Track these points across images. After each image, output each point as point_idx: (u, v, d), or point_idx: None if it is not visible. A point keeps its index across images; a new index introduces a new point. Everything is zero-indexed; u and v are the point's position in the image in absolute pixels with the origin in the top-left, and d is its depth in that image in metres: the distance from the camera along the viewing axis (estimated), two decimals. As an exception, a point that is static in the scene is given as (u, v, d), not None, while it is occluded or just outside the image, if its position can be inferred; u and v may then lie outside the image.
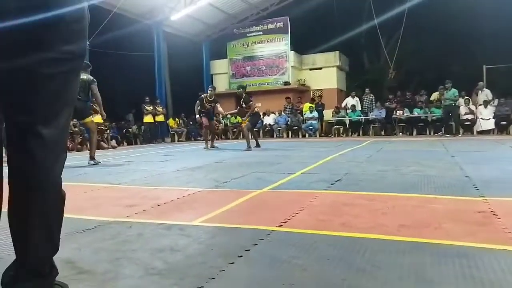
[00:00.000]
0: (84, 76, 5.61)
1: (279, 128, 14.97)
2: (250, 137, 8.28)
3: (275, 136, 14.97)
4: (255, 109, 8.44)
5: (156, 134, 14.26)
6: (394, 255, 1.59)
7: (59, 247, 1.21)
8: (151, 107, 13.78)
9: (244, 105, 8.43)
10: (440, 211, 2.27)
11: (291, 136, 14.74)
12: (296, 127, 14.70)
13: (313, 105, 14.64)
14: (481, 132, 11.79)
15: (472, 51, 16.68)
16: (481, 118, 11.87)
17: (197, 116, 9.07)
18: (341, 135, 14.08)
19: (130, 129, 14.05)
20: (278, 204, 2.69)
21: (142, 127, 14.18)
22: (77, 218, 2.38)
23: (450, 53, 17.77)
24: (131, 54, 15.97)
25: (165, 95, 16.35)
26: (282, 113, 15.22)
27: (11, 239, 1.12)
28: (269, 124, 15.26)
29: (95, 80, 5.82)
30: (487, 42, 16.09)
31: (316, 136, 14.12)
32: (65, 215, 1.23)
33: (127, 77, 16.47)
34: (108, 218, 2.37)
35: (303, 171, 4.25)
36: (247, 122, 8.52)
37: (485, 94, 12.28)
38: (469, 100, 12.26)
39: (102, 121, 9.59)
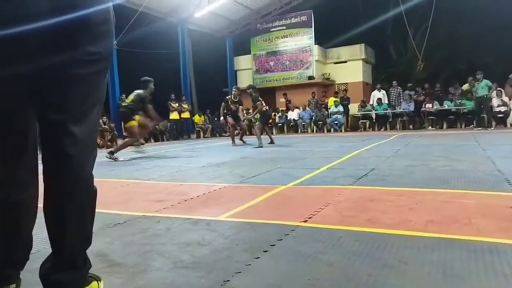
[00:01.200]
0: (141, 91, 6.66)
1: (303, 123, 14.87)
2: (262, 135, 8.37)
3: (299, 131, 14.89)
4: (264, 108, 8.47)
5: (182, 131, 14.49)
6: (421, 251, 1.56)
7: (92, 240, 1.27)
8: (177, 104, 14.00)
9: (253, 104, 8.78)
10: (470, 206, 2.21)
11: (316, 131, 14.61)
12: (321, 122, 14.56)
13: (338, 99, 14.45)
14: (516, 125, 11.29)
15: (506, 41, 15.92)
16: (516, 110, 11.35)
17: (221, 118, 9.28)
18: (368, 129, 13.83)
19: (157, 126, 14.33)
20: (303, 199, 2.69)
21: (169, 124, 14.44)
22: (108, 212, 2.48)
23: (482, 43, 17.04)
24: (156, 52, 16.27)
25: (190, 92, 16.58)
26: (307, 107, 15.10)
27: (47, 233, 1.18)
28: (294, 119, 15.19)
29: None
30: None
31: (341, 131, 13.93)
32: (96, 210, 1.28)
33: (153, 75, 16.78)
34: (138, 213, 2.45)
35: (328, 166, 4.22)
36: (257, 122, 8.66)
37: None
38: (501, 91, 11.74)
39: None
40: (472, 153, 4.83)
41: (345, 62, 16.55)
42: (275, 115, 15.71)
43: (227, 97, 9.14)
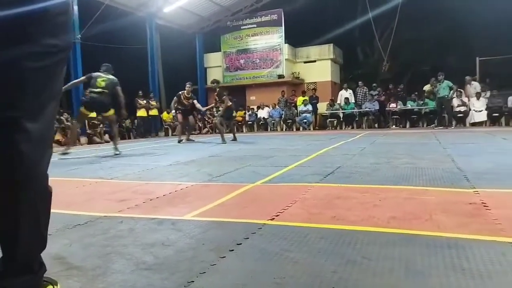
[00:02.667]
0: (110, 76, 6.31)
1: (273, 121, 14.95)
2: (224, 130, 8.44)
3: (269, 129, 14.97)
4: (228, 103, 8.50)
5: (149, 128, 14.18)
6: (384, 247, 1.59)
7: (48, 243, 1.20)
8: (144, 101, 13.69)
9: (217, 99, 8.59)
10: (431, 203, 2.28)
11: (285, 130, 14.74)
12: (290, 120, 14.71)
13: (307, 98, 14.64)
14: (474, 124, 11.88)
15: (466, 43, 16.71)
16: (474, 110, 11.95)
17: (173, 111, 9.25)
18: (335, 128, 14.11)
19: (123, 124, 13.94)
20: (271, 197, 2.69)
21: (136, 121, 14.09)
22: (68, 213, 2.37)
23: (444, 45, 17.80)
24: (123, 47, 15.81)
25: (159, 89, 16.24)
26: (276, 106, 15.20)
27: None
28: (263, 118, 15.24)
29: (118, 82, 6.34)
30: (481, 33, 16.12)
31: (310, 129, 14.13)
32: (56, 210, 1.22)
33: (119, 71, 16.30)
34: (99, 213, 2.36)
35: (297, 164, 4.25)
36: (219, 117, 8.67)
37: (474, 87, 12.32)
38: (461, 92, 12.31)
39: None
40: (433, 151, 5.02)
41: (314, 61, 16.79)
42: (245, 113, 15.71)
43: (180, 92, 9.08)
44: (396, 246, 1.60)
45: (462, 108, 12.05)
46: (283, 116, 14.85)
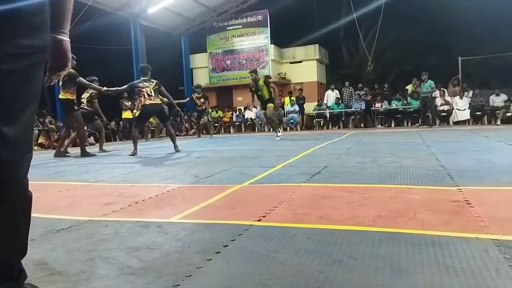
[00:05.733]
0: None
1: (260, 122, 14.96)
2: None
3: (256, 130, 14.97)
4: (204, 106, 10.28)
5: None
6: (370, 245, 1.61)
7: (31, 248, 1.18)
8: (130, 103, 13.53)
9: (202, 100, 9.92)
10: (415, 201, 2.31)
11: (273, 130, 14.74)
12: (277, 121, 14.72)
13: (294, 99, 14.70)
14: (457, 123, 12.11)
15: (449, 43, 17.04)
16: (457, 109, 12.18)
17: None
18: (322, 128, 14.20)
19: (108, 126, 13.76)
20: (258, 198, 2.69)
21: (121, 123, 13.92)
22: (52, 218, 2.32)
23: (428, 45, 18.12)
24: (107, 48, 15.62)
25: (144, 90, 16.07)
26: (263, 106, 15.19)
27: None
28: (251, 118, 15.24)
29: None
30: (464, 34, 16.48)
31: (297, 129, 14.19)
32: (39, 215, 1.19)
33: (104, 72, 16.08)
34: (84, 217, 2.32)
35: (284, 164, 4.26)
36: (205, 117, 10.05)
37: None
38: (444, 91, 12.54)
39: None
40: (418, 150, 5.10)
41: (300, 62, 16.89)
42: (232, 114, 15.70)
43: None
44: (381, 245, 1.61)
45: (446, 107, 12.27)
46: (270, 116, 14.85)
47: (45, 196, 3.13)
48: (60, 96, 6.56)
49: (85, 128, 7.08)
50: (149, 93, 6.25)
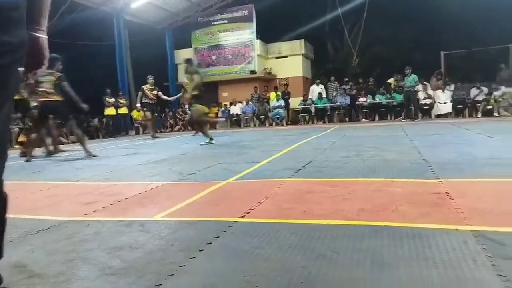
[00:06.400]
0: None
1: (246, 117, 14.94)
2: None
3: (242, 125, 14.95)
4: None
5: (119, 127, 13.85)
6: (352, 240, 1.62)
7: (9, 250, 1.15)
8: (113, 99, 13.34)
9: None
10: (397, 194, 2.34)
11: (259, 125, 14.77)
12: (263, 116, 14.74)
13: (280, 94, 14.71)
14: (439, 116, 12.31)
15: (431, 38, 17.28)
16: (439, 102, 12.38)
17: (138, 105, 9.23)
18: (307, 122, 14.26)
19: (91, 123, 13.54)
20: (243, 194, 2.68)
21: (104, 120, 13.71)
22: (31, 218, 2.27)
23: (411, 40, 18.33)
24: (90, 44, 15.33)
25: (128, 86, 15.85)
26: (249, 102, 15.19)
27: None
28: (236, 114, 15.20)
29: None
30: (446, 29, 16.74)
31: (283, 124, 14.22)
32: (17, 215, 1.16)
33: (86, 68, 15.82)
34: (65, 217, 2.27)
35: (269, 160, 4.26)
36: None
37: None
38: (426, 85, 12.73)
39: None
40: (401, 144, 5.17)
41: (286, 57, 16.88)
42: (218, 109, 15.63)
43: (142, 86, 9.03)
44: (364, 239, 1.63)
45: (428, 101, 12.46)
46: (256, 112, 14.86)
47: (25, 196, 3.06)
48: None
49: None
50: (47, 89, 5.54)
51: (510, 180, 2.58)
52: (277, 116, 14.33)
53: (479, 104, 11.81)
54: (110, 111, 13.31)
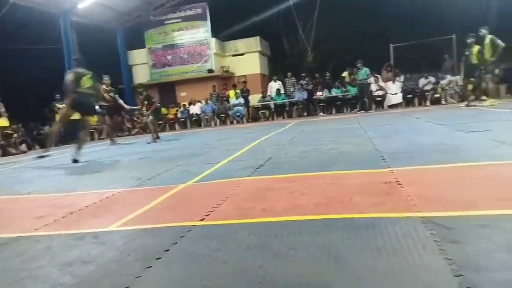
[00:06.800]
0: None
1: (206, 116, 14.81)
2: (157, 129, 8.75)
3: (203, 125, 14.80)
4: (157, 104, 9.22)
5: (73, 134, 13.22)
6: (309, 235, 1.65)
7: None
8: (64, 105, 12.70)
9: (147, 103, 8.90)
10: (351, 185, 2.42)
11: (219, 124, 14.69)
12: (223, 115, 14.67)
13: (239, 91, 14.70)
14: (391, 106, 12.86)
15: (382, 32, 17.94)
16: (390, 93, 12.92)
17: (97, 107, 8.85)
18: (267, 119, 14.38)
19: (41, 131, 12.83)
20: (202, 196, 2.66)
21: (56, 127, 13.03)
22: (-26, 238, 2.12)
23: (362, 34, 18.94)
24: (35, 48, 14.50)
25: (80, 91, 15.16)
26: (208, 101, 15.06)
27: None
28: (196, 114, 15.02)
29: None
30: (395, 22, 17.44)
31: (244, 122, 14.24)
32: None
33: (32, 73, 14.96)
34: (14, 234, 2.15)
35: (229, 159, 4.25)
36: (150, 117, 8.78)
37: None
38: (378, 77, 13.23)
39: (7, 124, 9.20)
40: (356, 135, 5.34)
41: (243, 54, 16.88)
42: (177, 110, 15.36)
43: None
44: (319, 233, 1.66)
45: (380, 92, 12.96)
46: (215, 110, 14.76)
47: (-32, 214, 2.85)
48: None
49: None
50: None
51: (456, 165, 2.74)
52: (238, 114, 14.32)
53: (427, 93, 12.46)
54: (62, 117, 12.67)
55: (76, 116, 6.25)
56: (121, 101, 8.99)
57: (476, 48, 8.64)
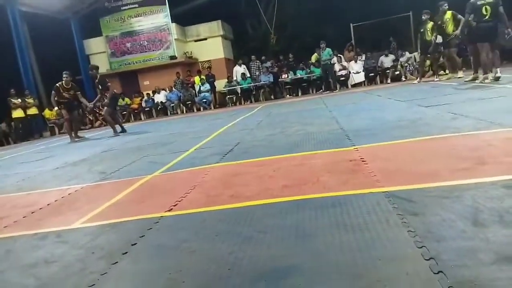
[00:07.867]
0: None
1: (172, 105, 14.51)
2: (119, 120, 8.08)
3: (169, 113, 14.50)
4: (114, 91, 8.19)
5: (31, 130, 12.60)
6: (277, 217, 1.66)
7: None
8: (19, 100, 12.05)
9: (100, 87, 8.02)
10: (318, 165, 2.46)
11: (186, 112, 14.45)
12: (189, 102, 14.43)
13: (204, 77, 14.47)
14: (354, 85, 13.12)
15: (342, 12, 18.10)
16: (353, 73, 13.16)
17: (55, 108, 8.38)
18: (235, 104, 14.29)
19: (-3, 128, 12.14)
20: (170, 186, 2.61)
21: (12, 123, 12.37)
22: None
23: (323, 16, 19.03)
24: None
25: (35, 84, 14.38)
26: (173, 88, 14.73)
27: None
28: (161, 102, 14.68)
29: None
30: (354, 2, 17.62)
31: (211, 108, 14.08)
32: None
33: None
34: (-32, 240, 2.02)
35: (197, 147, 4.20)
36: (105, 108, 8.08)
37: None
38: (341, 57, 13.41)
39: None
40: (321, 116, 5.41)
41: (205, 39, 16.55)
42: (141, 99, 14.94)
43: (57, 83, 8.10)
44: (288, 214, 1.68)
45: (343, 72, 13.17)
46: (181, 98, 14.48)
47: None
48: None
49: None
50: None
51: (416, 139, 2.83)
52: (204, 100, 14.12)
53: (388, 71, 12.78)
54: (18, 113, 12.02)
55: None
56: (83, 100, 8.44)
57: (430, 25, 8.86)
